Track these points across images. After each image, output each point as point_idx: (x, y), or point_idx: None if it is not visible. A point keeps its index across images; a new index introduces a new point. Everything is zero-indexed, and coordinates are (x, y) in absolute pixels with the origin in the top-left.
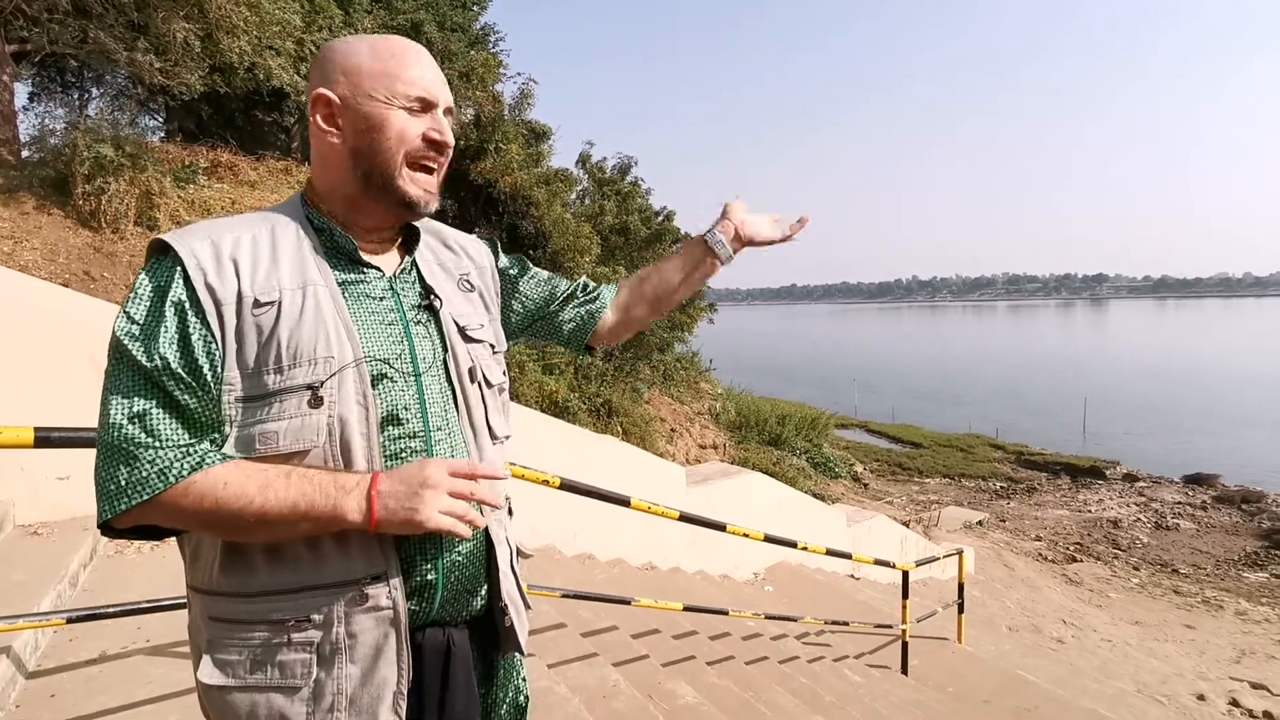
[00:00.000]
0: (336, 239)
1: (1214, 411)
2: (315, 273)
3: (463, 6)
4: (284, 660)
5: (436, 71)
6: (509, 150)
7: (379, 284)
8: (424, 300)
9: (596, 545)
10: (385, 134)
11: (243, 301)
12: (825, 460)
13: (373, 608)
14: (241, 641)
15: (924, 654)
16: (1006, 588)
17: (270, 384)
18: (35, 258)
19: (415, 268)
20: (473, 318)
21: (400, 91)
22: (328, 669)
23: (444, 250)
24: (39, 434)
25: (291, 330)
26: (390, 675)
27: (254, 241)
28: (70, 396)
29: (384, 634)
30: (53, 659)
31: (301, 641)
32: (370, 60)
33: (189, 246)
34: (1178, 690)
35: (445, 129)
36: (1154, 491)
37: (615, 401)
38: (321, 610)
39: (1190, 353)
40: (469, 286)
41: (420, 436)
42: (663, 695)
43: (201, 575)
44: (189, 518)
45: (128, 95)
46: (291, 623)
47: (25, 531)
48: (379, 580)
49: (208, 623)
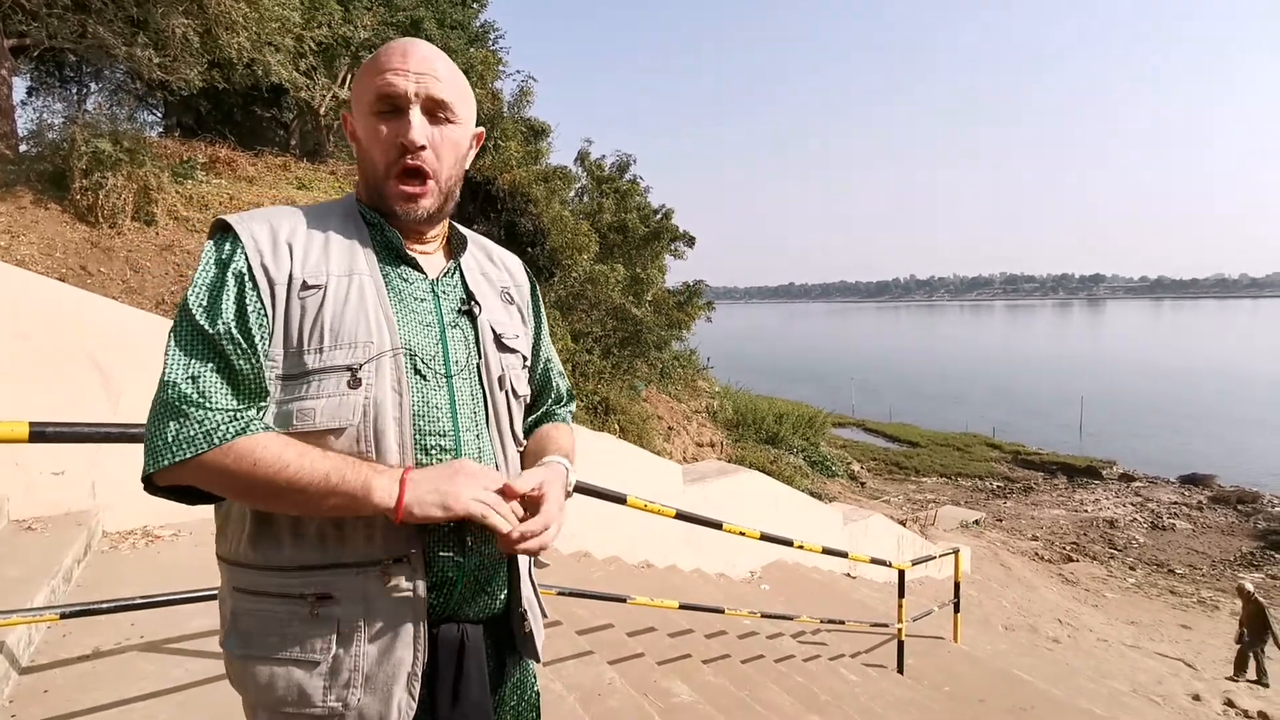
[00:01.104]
0: (386, 234)
1: (1210, 412)
2: (363, 263)
3: (462, 4)
4: (304, 635)
5: (412, 61)
6: (508, 147)
7: (421, 285)
8: (464, 306)
9: (593, 543)
10: (367, 145)
11: (292, 283)
12: (822, 459)
13: (394, 589)
14: (265, 613)
15: (920, 653)
16: (1003, 587)
17: (310, 363)
18: (32, 252)
19: (459, 273)
20: (509, 327)
21: (370, 96)
22: (346, 646)
23: (488, 262)
24: (34, 429)
25: (335, 314)
26: (406, 656)
27: (309, 230)
28: (65, 391)
29: (402, 616)
30: (46, 655)
31: (324, 617)
32: (361, 73)
33: (249, 229)
34: (1173, 690)
35: (410, 127)
36: (1150, 491)
37: (613, 399)
38: (344, 588)
39: (1187, 353)
40: (509, 299)
41: (449, 435)
42: (658, 694)
43: (229, 546)
44: (227, 480)
45: (126, 90)
46: (314, 598)
47: (19, 526)
48: (401, 562)
49: (233, 593)
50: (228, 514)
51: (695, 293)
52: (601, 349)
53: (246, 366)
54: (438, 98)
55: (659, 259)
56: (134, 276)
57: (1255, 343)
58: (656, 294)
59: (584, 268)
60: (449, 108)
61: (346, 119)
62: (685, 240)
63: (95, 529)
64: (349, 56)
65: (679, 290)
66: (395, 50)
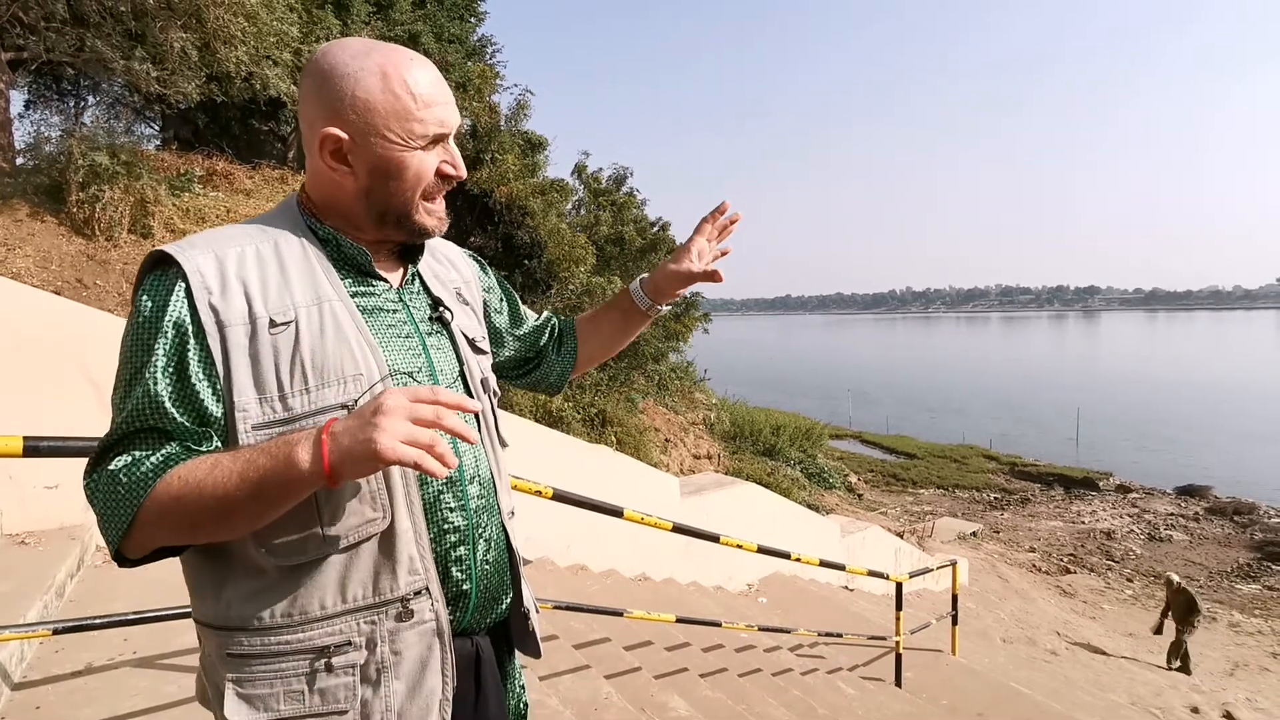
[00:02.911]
0: (345, 250)
1: (1206, 423)
2: (328, 287)
3: (460, 18)
4: (325, 687)
5: (447, 93)
6: (505, 160)
7: (389, 295)
8: (434, 312)
9: (590, 556)
10: (403, 178)
11: (256, 322)
12: (819, 471)
13: (417, 622)
14: (274, 674)
15: (918, 666)
16: (1001, 599)
17: (299, 406)
18: (28, 265)
19: (419, 279)
20: (472, 329)
21: (417, 132)
22: (374, 689)
23: (434, 263)
24: (28, 443)
25: (314, 349)
26: (436, 684)
27: (259, 256)
28: (60, 404)
29: (428, 645)
30: (38, 670)
31: (344, 666)
32: (382, 95)
33: (194, 262)
34: (1171, 703)
35: (458, 160)
36: (1147, 503)
37: (609, 411)
38: (364, 632)
39: (1182, 365)
40: (463, 299)
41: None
42: (655, 708)
43: (213, 610)
44: (170, 525)
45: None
46: (332, 649)
47: (12, 541)
48: (421, 595)
49: (225, 660)
50: (200, 569)
51: (692, 304)
52: None
53: (182, 425)
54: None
55: None
56: (130, 290)
57: (1250, 355)
58: None
59: (581, 280)
60: None
61: (335, 138)
62: None
63: (89, 543)
64: None
65: (676, 302)
66: (430, 83)
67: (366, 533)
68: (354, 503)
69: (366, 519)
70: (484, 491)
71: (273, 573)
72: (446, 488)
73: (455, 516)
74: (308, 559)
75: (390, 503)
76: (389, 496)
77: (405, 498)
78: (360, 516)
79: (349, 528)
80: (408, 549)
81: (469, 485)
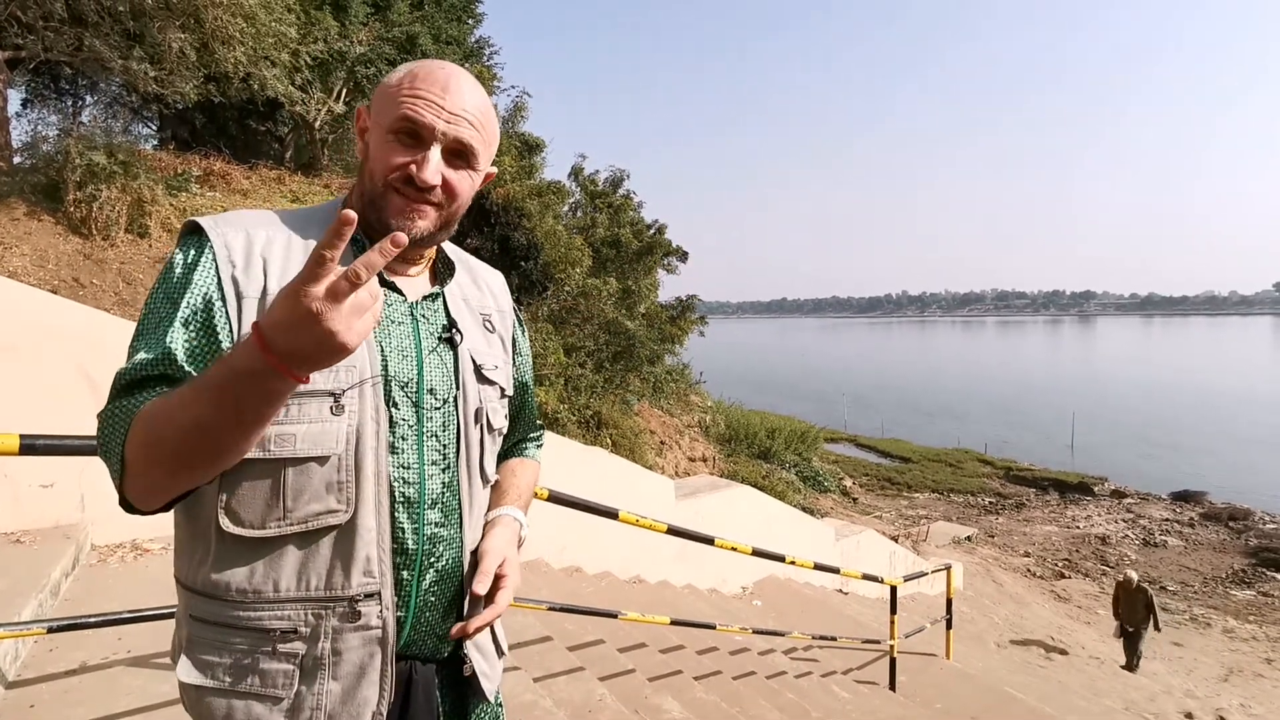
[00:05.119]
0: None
1: (1202, 428)
2: None
3: (458, 20)
4: (266, 669)
5: (450, 99)
6: (502, 162)
7: (400, 307)
8: (445, 333)
9: (584, 558)
10: (373, 156)
11: (266, 298)
12: (814, 474)
13: (363, 626)
14: (223, 645)
15: (912, 670)
16: (995, 603)
17: None
18: (24, 263)
19: (442, 298)
20: (489, 357)
21: (389, 112)
22: (309, 683)
23: (471, 285)
24: (24, 441)
25: None
26: (371, 696)
27: (287, 242)
28: (56, 403)
29: (370, 653)
30: (33, 669)
31: (286, 652)
32: (395, 80)
33: (223, 236)
34: (1165, 708)
35: (426, 164)
36: (1142, 508)
37: (605, 413)
38: (310, 624)
39: (1178, 370)
40: (490, 327)
41: (414, 469)
42: (649, 710)
43: (187, 569)
44: (153, 452)
45: (121, 103)
46: (278, 633)
47: (8, 539)
48: (372, 599)
49: (188, 620)
50: (191, 530)
51: (688, 307)
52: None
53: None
54: (466, 143)
55: (652, 273)
56: (126, 289)
57: (1246, 360)
58: (649, 308)
59: (577, 282)
60: (474, 155)
61: (361, 114)
62: (678, 255)
63: (84, 542)
64: (344, 71)
65: (672, 305)
66: (438, 79)
67: (326, 522)
68: (319, 489)
69: (329, 508)
70: (445, 521)
71: (237, 544)
72: (402, 506)
73: (407, 538)
74: (266, 535)
75: (356, 498)
76: (355, 491)
77: (374, 497)
78: (323, 504)
79: (310, 513)
80: (367, 549)
81: (428, 510)
